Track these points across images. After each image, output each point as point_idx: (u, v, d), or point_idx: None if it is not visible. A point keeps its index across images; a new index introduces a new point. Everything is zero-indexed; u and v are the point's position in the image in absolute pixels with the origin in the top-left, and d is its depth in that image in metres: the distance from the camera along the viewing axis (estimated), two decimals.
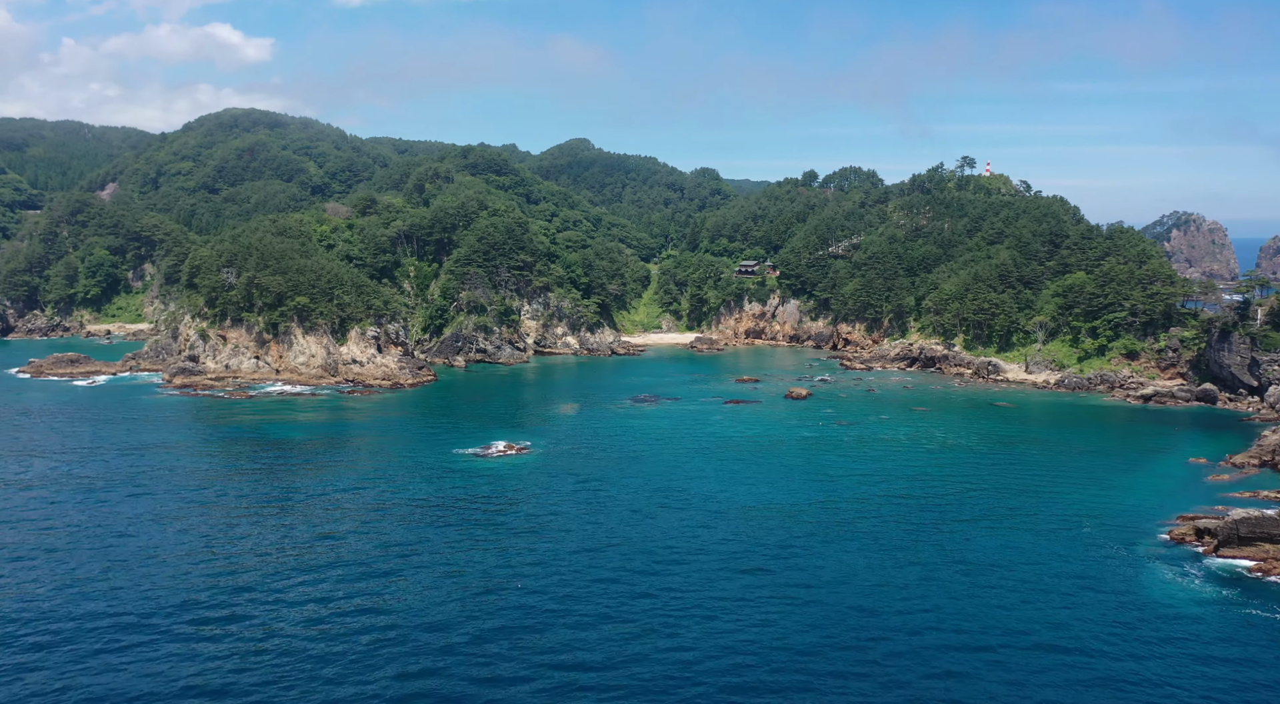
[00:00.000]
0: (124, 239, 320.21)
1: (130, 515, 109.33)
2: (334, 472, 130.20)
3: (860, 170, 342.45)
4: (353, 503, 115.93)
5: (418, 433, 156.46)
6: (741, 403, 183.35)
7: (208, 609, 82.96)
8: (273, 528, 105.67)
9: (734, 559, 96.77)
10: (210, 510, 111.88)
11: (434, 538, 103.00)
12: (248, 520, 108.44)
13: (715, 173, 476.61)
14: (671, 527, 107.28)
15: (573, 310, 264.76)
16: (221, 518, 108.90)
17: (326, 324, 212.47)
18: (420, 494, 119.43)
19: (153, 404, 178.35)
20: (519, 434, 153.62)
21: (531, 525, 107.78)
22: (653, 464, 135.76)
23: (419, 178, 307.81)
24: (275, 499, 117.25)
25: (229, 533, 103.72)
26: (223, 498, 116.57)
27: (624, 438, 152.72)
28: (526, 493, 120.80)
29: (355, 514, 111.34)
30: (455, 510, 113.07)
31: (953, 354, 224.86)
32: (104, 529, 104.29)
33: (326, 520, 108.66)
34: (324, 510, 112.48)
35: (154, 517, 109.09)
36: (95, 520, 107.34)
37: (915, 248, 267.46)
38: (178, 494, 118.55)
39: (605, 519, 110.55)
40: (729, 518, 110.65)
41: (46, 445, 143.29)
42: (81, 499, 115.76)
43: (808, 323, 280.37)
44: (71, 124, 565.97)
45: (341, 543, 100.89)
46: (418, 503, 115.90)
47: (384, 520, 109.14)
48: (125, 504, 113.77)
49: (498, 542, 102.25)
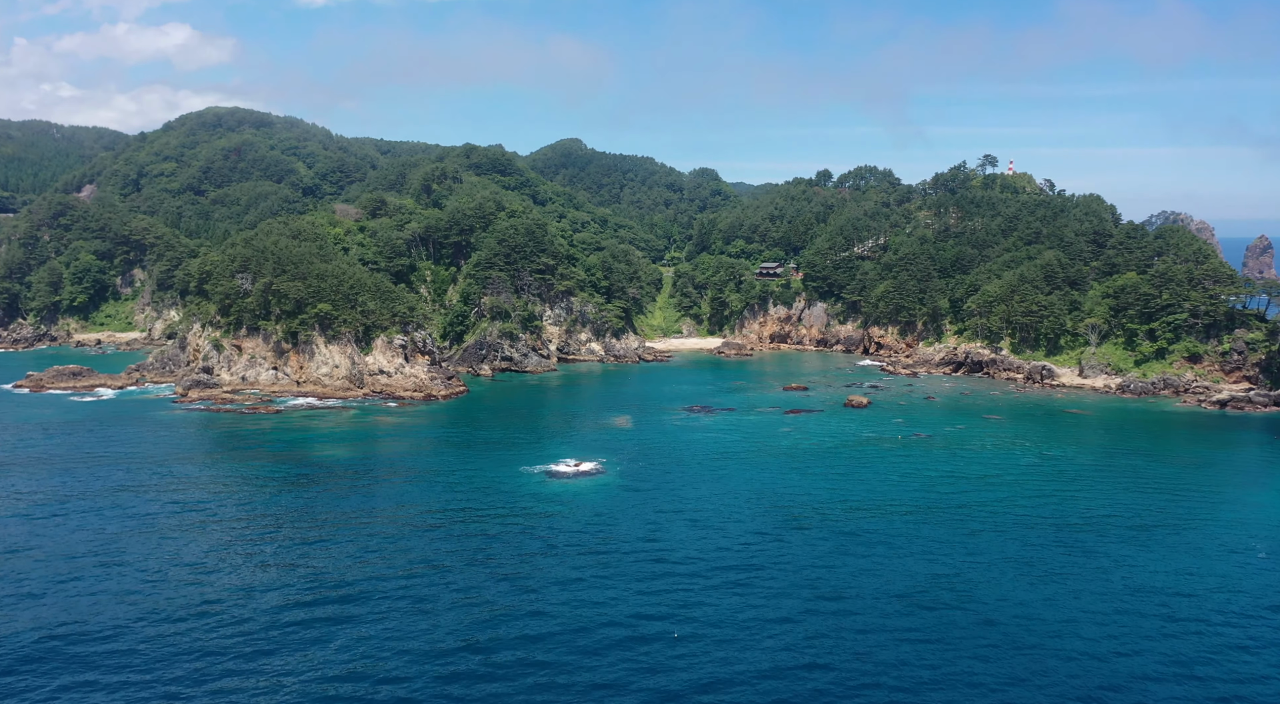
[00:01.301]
0: (111, 243, 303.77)
1: (232, 578, 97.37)
2: (411, 500, 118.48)
3: (876, 170, 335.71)
4: (451, 539, 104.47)
5: (476, 451, 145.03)
6: (802, 412, 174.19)
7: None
8: (397, 589, 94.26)
9: (917, 594, 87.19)
10: (311, 559, 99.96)
11: (553, 572, 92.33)
12: (361, 574, 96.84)
13: (714, 173, 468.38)
14: (813, 556, 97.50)
15: (597, 315, 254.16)
16: (333, 571, 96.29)
17: (350, 332, 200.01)
18: (515, 523, 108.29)
19: (173, 421, 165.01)
20: (584, 450, 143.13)
21: (657, 556, 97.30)
22: (745, 483, 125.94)
23: (425, 178, 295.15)
24: (373, 546, 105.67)
25: (354, 595, 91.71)
26: (315, 549, 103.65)
27: (698, 453, 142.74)
28: (628, 518, 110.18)
29: (463, 552, 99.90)
30: (562, 540, 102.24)
31: (1000, 358, 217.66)
32: (222, 607, 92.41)
33: (441, 562, 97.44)
34: (430, 544, 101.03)
35: (255, 565, 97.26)
36: (205, 595, 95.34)
37: (947, 248, 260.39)
38: (257, 547, 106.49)
39: (729, 544, 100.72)
40: (871, 544, 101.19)
41: (84, 478, 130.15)
42: (160, 556, 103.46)
43: (836, 326, 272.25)
44: (39, 124, 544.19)
45: (476, 592, 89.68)
46: (518, 531, 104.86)
47: (496, 557, 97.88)
48: (210, 559, 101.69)
49: (625, 576, 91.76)
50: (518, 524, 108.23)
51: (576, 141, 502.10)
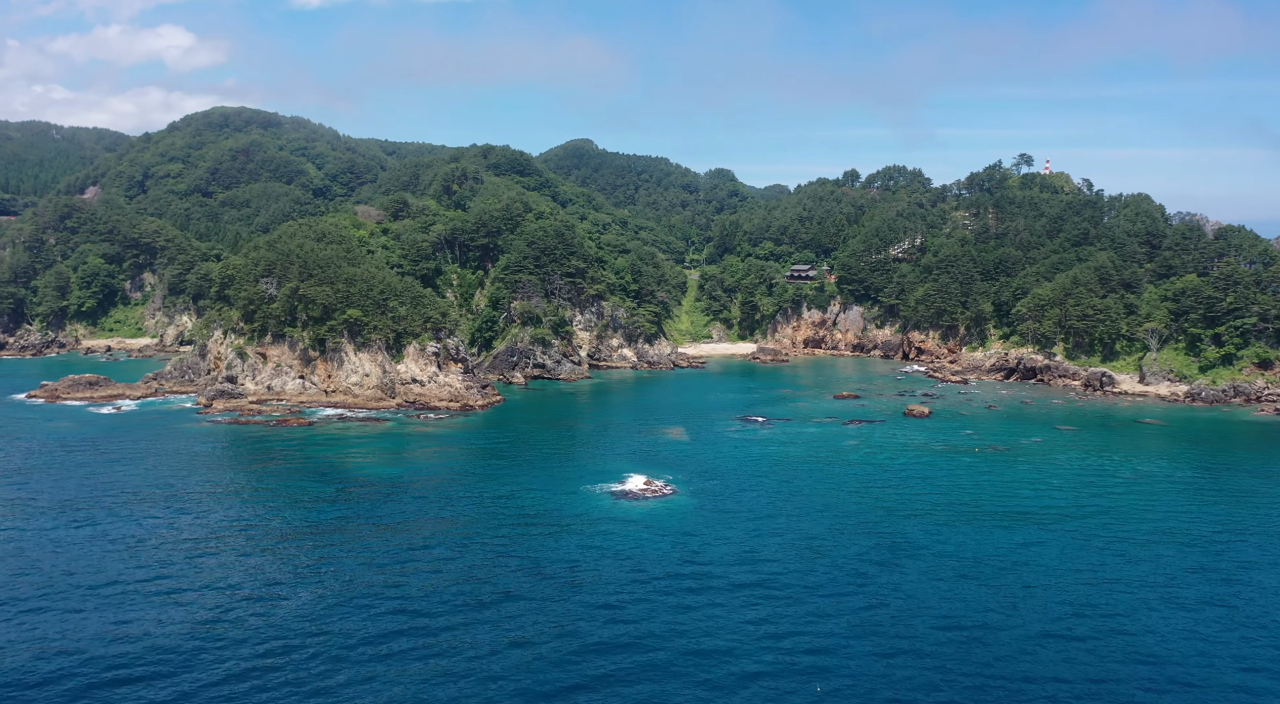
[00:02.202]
0: (120, 246, 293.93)
1: (308, 619, 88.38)
2: (477, 525, 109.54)
3: (905, 169, 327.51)
4: (531, 568, 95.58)
5: (532, 468, 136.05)
6: (864, 423, 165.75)
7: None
8: (487, 622, 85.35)
9: (1058, 623, 78.81)
10: (385, 589, 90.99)
11: (655, 604, 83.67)
12: (443, 605, 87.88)
13: (730, 174, 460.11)
14: (938, 587, 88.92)
15: (629, 320, 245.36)
16: (412, 602, 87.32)
17: (381, 339, 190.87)
18: (596, 549, 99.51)
19: (200, 435, 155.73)
20: (646, 466, 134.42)
21: (762, 587, 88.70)
22: (832, 502, 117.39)
23: (445, 178, 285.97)
24: (450, 575, 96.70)
25: (440, 627, 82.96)
26: (385, 576, 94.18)
27: (768, 469, 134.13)
28: (718, 543, 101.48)
29: (550, 581, 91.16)
30: (654, 569, 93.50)
31: (1055, 364, 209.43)
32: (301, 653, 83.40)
33: (527, 593, 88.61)
34: (510, 575, 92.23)
35: (327, 594, 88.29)
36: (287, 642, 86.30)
37: (988, 250, 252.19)
38: (322, 575, 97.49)
39: (839, 573, 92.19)
40: (995, 571, 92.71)
41: (115, 498, 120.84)
42: (214, 594, 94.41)
43: (873, 331, 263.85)
44: (39, 124, 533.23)
45: (574, 625, 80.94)
46: (602, 558, 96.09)
47: (587, 587, 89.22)
48: (273, 588, 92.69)
49: (733, 607, 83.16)
50: (599, 550, 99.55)
51: (588, 142, 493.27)
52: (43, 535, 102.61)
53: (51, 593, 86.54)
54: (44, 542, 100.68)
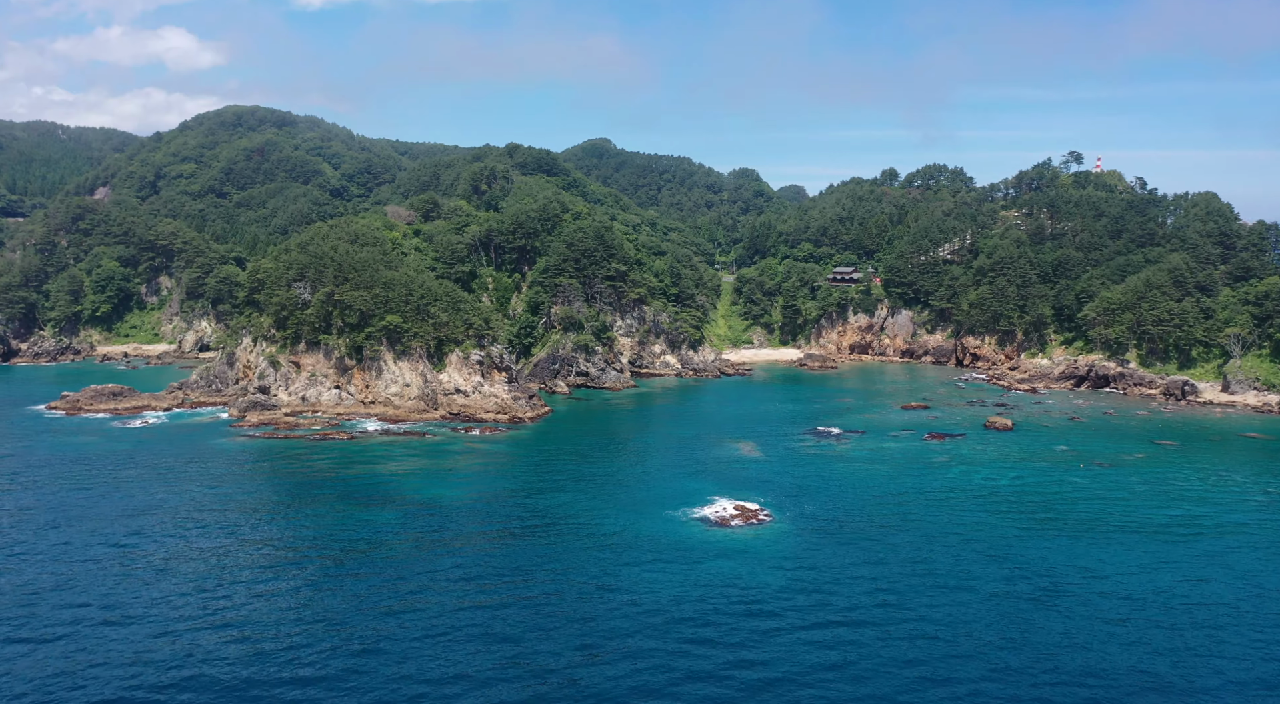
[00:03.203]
0: (136, 248, 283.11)
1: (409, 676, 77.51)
2: (563, 556, 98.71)
3: (945, 168, 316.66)
4: (638, 608, 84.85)
5: (603, 490, 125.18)
6: (946, 437, 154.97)
7: None
8: (612, 682, 74.58)
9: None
10: (489, 643, 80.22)
11: (800, 658, 72.97)
12: (558, 655, 77.04)
13: (755, 174, 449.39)
14: (1119, 632, 78.18)
15: (671, 326, 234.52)
16: (524, 652, 77.11)
17: (421, 347, 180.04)
18: (704, 586, 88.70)
19: (237, 452, 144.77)
20: (729, 487, 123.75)
21: (913, 632, 77.96)
22: (947, 528, 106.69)
23: (473, 178, 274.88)
24: (547, 613, 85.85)
25: (561, 685, 72.28)
26: (497, 635, 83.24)
27: (862, 489, 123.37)
28: (842, 579, 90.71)
29: (665, 627, 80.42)
30: (788, 619, 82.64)
31: (1129, 372, 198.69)
32: None
33: (643, 643, 77.82)
34: (620, 617, 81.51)
35: (431, 641, 77.48)
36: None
37: (1046, 251, 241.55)
38: (411, 616, 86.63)
39: (986, 613, 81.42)
40: (1175, 613, 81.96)
41: (157, 525, 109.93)
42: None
43: (923, 336, 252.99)
44: (44, 124, 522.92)
45: (717, 681, 70.25)
46: (718, 598, 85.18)
47: (713, 630, 78.52)
48: (354, 636, 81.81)
49: (891, 663, 72.44)
50: (707, 586, 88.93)
51: (605, 141, 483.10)
52: (80, 565, 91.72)
53: (95, 624, 75.78)
54: (83, 571, 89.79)
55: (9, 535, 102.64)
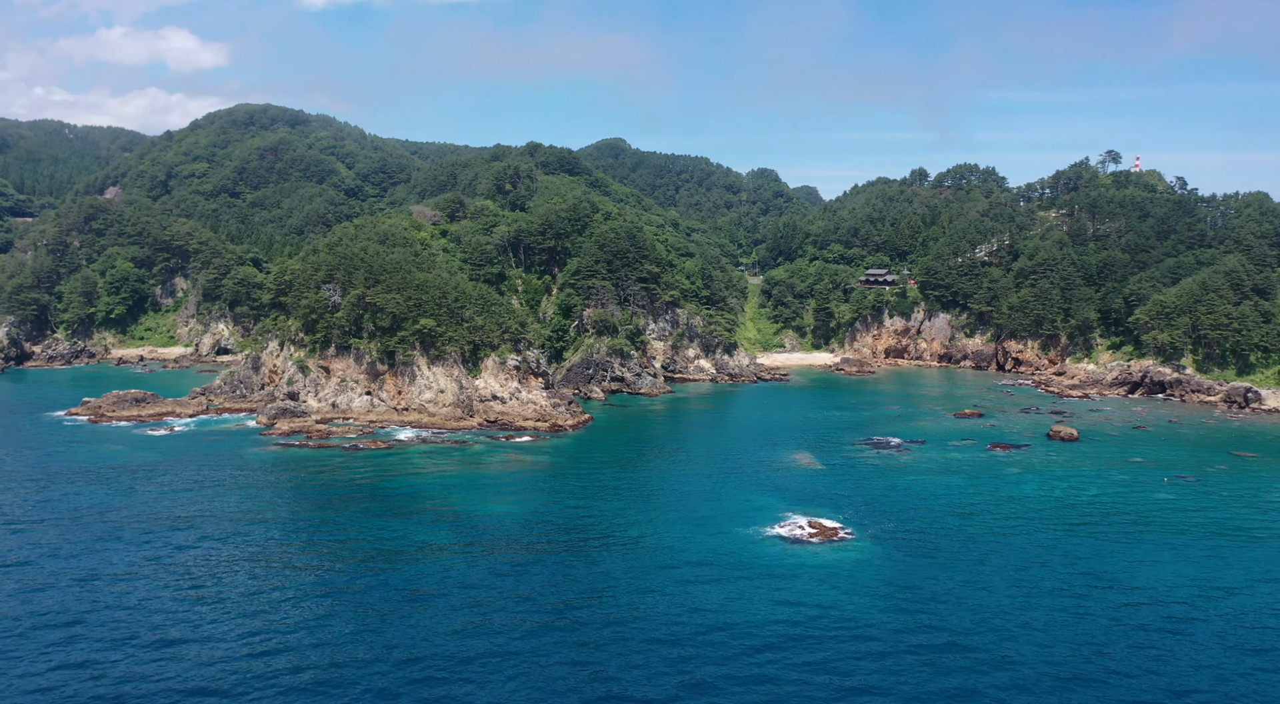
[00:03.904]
0: (150, 249, 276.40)
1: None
2: (638, 578, 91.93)
3: (977, 167, 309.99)
4: (734, 634, 78.11)
5: (665, 503, 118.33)
6: (1011, 448, 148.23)
7: None
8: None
9: None
10: (597, 679, 73.46)
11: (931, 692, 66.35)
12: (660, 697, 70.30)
13: (774, 174, 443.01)
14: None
15: (705, 329, 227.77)
16: (625, 691, 70.57)
17: (456, 352, 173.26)
18: (801, 613, 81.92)
19: (271, 462, 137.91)
20: (799, 502, 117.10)
21: (1066, 670, 71.21)
22: (1038, 542, 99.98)
23: (496, 177, 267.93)
24: (652, 660, 79.12)
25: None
26: (593, 675, 77.29)
27: (938, 503, 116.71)
28: (950, 603, 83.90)
29: (781, 665, 73.70)
30: (889, 638, 75.98)
31: (1186, 378, 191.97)
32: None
33: (771, 675, 71.08)
34: (715, 645, 74.71)
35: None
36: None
37: (1089, 253, 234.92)
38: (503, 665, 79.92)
39: (1119, 641, 74.78)
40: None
41: (195, 545, 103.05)
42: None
43: (962, 340, 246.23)
44: (50, 123, 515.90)
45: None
46: (816, 627, 78.38)
47: (834, 669, 71.80)
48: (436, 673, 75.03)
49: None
50: (802, 611, 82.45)
51: (620, 140, 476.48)
52: (122, 581, 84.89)
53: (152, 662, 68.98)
54: (122, 597, 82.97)
55: (48, 550, 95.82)
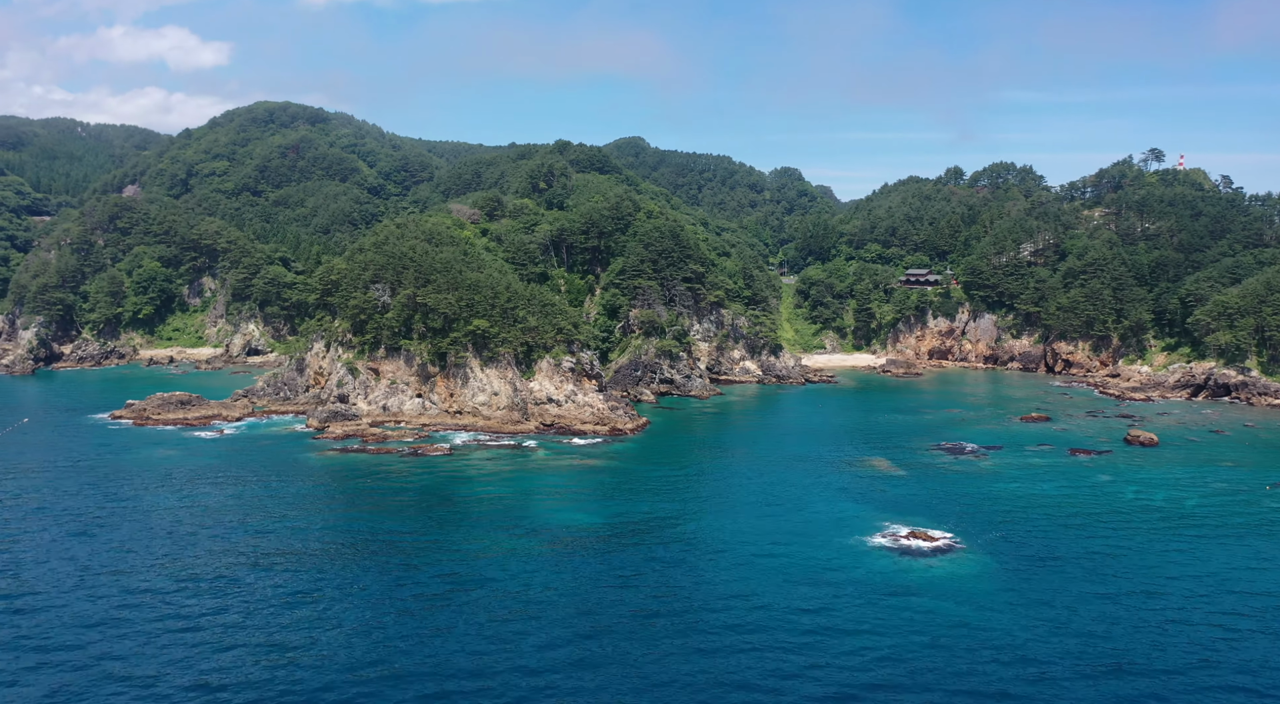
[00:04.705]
0: (178, 248, 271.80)
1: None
2: (747, 583, 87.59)
3: (1014, 166, 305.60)
4: (877, 655, 73.78)
5: (754, 510, 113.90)
6: (1092, 454, 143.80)
7: None
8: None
9: None
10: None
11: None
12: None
13: (798, 173, 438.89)
14: None
15: (751, 330, 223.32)
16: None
17: (510, 353, 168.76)
18: (939, 616, 77.61)
19: (332, 467, 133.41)
20: (898, 512, 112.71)
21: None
22: (1162, 554, 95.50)
23: (530, 175, 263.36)
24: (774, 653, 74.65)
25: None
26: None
27: (1037, 512, 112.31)
28: (1094, 618, 79.48)
29: (931, 682, 69.35)
30: (1049, 658, 71.53)
31: (1252, 380, 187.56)
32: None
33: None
34: (871, 671, 70.35)
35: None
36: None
37: (1140, 252, 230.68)
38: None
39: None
40: None
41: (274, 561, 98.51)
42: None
43: (1008, 341, 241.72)
44: (63, 121, 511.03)
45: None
46: (963, 639, 74.01)
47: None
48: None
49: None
50: (939, 629, 77.88)
51: (639, 139, 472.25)
52: (207, 599, 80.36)
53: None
54: (229, 602, 78.47)
55: (134, 553, 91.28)
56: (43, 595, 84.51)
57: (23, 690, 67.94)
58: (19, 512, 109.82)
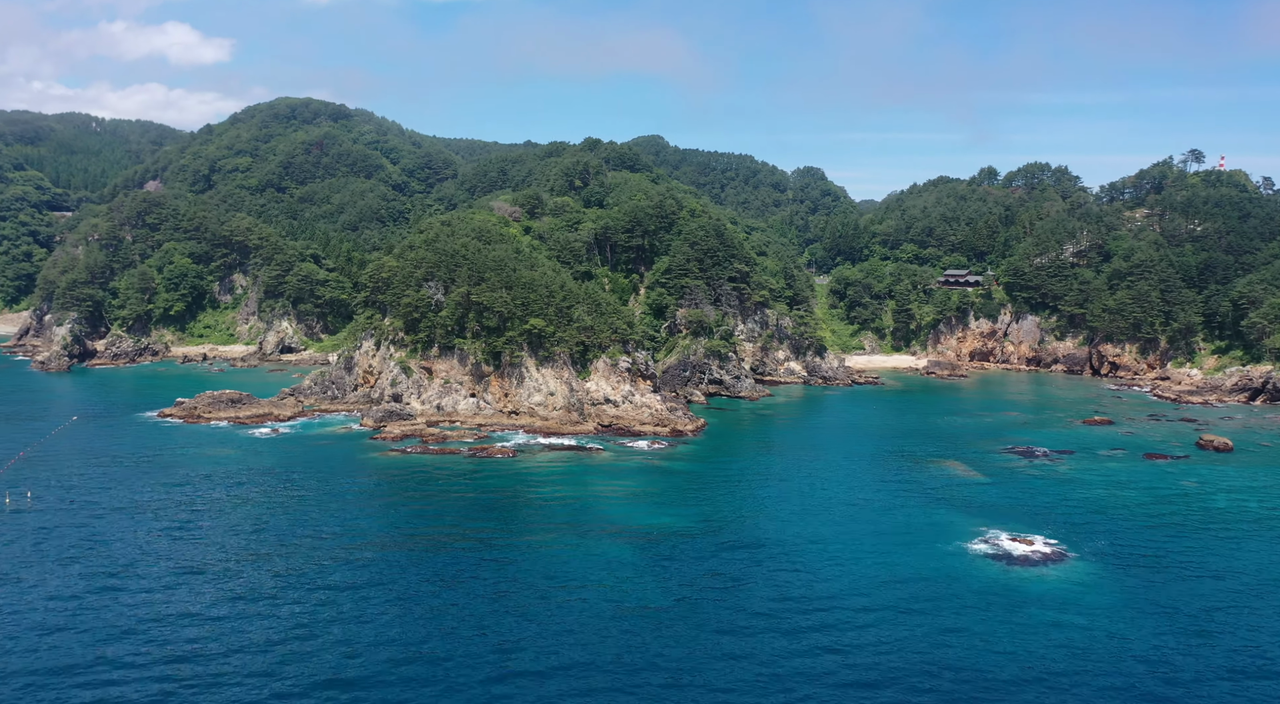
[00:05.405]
0: (209, 245, 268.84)
1: None
2: (864, 593, 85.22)
3: (1049, 166, 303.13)
4: (1013, 664, 71.37)
5: (841, 513, 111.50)
6: (1168, 458, 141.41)
7: None
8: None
9: None
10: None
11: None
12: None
13: (821, 173, 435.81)
14: None
15: (796, 330, 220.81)
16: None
17: (565, 353, 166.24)
18: (1069, 628, 75.21)
19: (400, 468, 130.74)
20: (988, 517, 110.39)
21: None
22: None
23: (566, 173, 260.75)
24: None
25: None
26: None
27: (1132, 518, 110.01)
28: (1229, 630, 77.18)
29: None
30: (1191, 679, 69.19)
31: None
32: None
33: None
34: (1027, 687, 67.92)
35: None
36: None
37: (1187, 254, 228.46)
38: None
39: None
40: None
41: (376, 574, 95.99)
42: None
43: (1052, 343, 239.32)
44: (77, 116, 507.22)
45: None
46: (1128, 655, 71.60)
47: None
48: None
49: None
50: (1065, 626, 75.64)
51: (659, 137, 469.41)
52: (317, 607, 77.81)
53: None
54: (361, 606, 75.89)
55: (222, 567, 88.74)
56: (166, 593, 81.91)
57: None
58: (103, 509, 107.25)
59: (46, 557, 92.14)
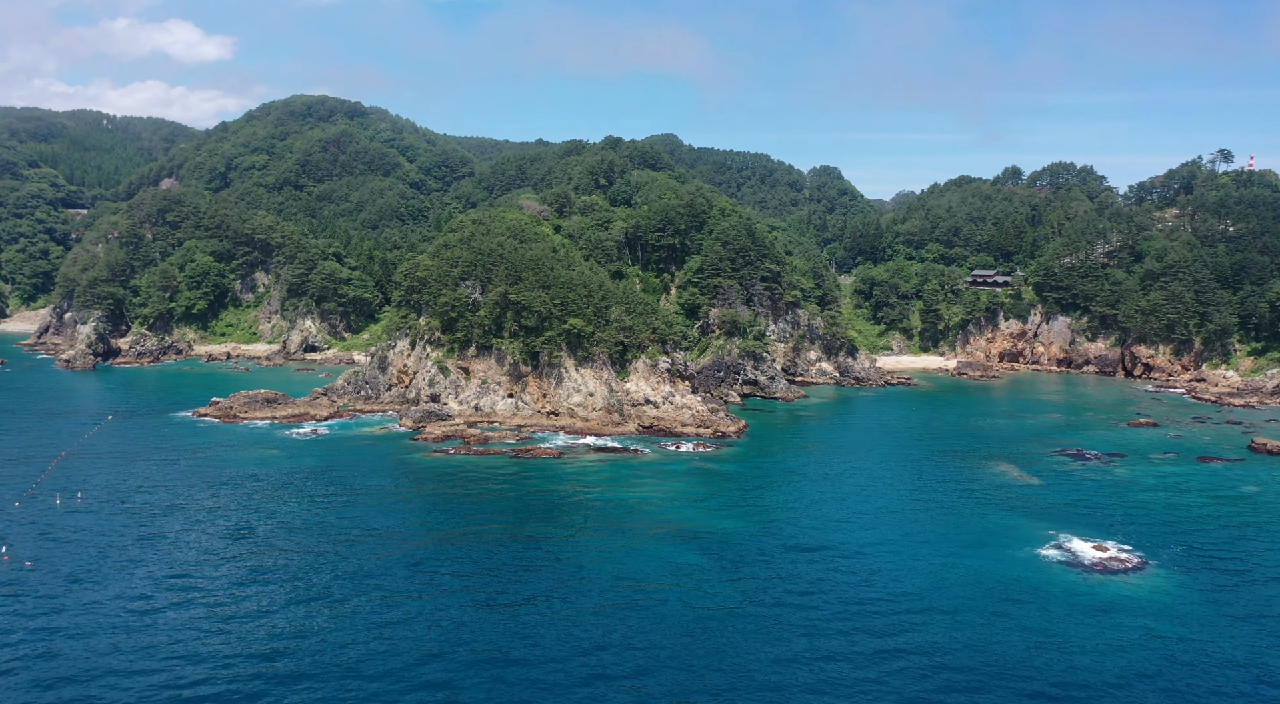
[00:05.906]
0: (231, 243, 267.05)
1: None
2: (944, 600, 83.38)
3: (1074, 166, 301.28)
4: (1106, 680, 69.57)
5: (904, 518, 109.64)
6: (1221, 461, 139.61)
7: None
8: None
9: None
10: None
11: None
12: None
13: (837, 172, 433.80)
14: None
15: (827, 331, 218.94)
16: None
17: (604, 353, 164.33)
18: (1162, 637, 73.43)
19: (448, 470, 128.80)
20: (1057, 521, 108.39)
21: None
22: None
23: (590, 172, 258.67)
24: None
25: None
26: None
27: (1200, 524, 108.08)
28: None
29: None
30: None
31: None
32: None
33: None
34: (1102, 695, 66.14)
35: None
36: None
37: (1221, 254, 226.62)
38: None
39: None
40: None
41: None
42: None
43: (1083, 344, 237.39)
44: (88, 113, 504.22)
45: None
46: (1247, 678, 69.89)
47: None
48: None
49: None
50: (1156, 637, 73.52)
51: (673, 136, 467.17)
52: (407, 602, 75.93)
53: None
54: (433, 611, 73.99)
55: (284, 567, 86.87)
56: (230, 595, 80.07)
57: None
58: (155, 509, 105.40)
59: (108, 558, 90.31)
